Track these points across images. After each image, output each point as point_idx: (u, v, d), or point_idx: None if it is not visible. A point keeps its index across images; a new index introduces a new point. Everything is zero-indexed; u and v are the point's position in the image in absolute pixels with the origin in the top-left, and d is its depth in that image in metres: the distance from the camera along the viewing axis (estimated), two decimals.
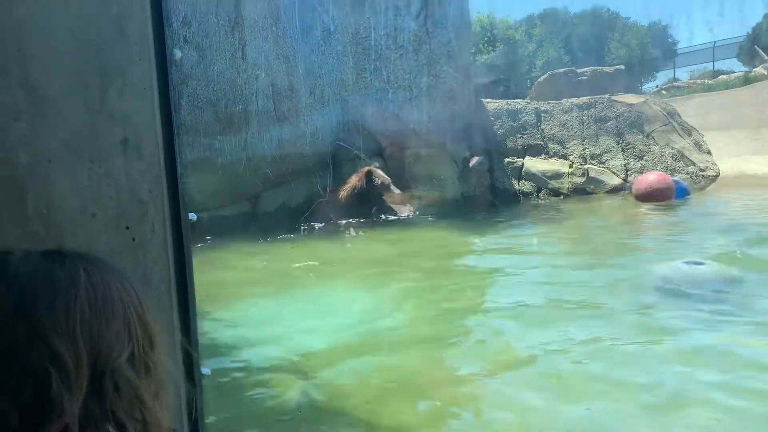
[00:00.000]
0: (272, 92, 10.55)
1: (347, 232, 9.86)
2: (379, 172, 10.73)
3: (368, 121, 11.46)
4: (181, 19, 9.50)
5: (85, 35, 1.35)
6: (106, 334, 0.95)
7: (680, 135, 14.81)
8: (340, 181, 10.79)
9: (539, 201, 13.38)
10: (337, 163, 11.10)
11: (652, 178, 12.38)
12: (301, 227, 10.00)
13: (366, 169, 10.58)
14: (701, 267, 5.98)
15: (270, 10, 10.49)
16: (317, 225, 10.10)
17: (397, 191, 10.67)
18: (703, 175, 14.00)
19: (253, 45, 10.25)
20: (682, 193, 12.29)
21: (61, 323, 0.92)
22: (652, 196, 11.90)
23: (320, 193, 10.50)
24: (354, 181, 10.51)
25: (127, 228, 1.40)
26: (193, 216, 1.52)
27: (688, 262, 6.08)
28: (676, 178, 12.72)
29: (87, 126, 1.36)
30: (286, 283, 6.69)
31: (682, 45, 37.39)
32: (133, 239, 1.41)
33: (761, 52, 28.69)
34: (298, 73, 10.80)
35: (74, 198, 1.36)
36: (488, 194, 12.87)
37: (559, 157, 14.29)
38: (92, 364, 0.93)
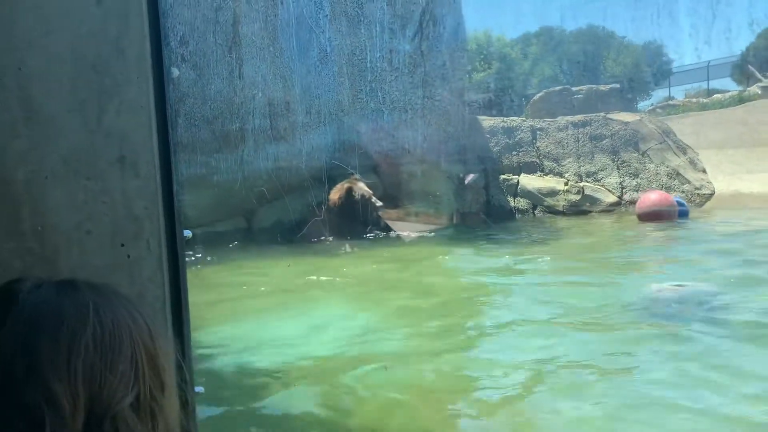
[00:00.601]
0: (269, 111, 10.59)
1: (342, 248, 9.85)
2: (360, 185, 10.59)
3: (364, 141, 11.50)
4: (179, 38, 9.56)
5: (83, 54, 1.36)
6: (108, 377, 0.90)
7: (675, 153, 14.90)
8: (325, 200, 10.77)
9: (535, 218, 13.41)
10: (332, 181, 11.09)
11: (654, 197, 12.33)
12: (296, 241, 9.99)
13: (346, 185, 10.44)
14: (687, 289, 6.18)
15: (267, 30, 10.57)
16: (313, 241, 10.08)
17: (378, 203, 10.58)
18: (698, 194, 14.07)
19: (250, 64, 10.31)
20: (683, 213, 12.28)
21: (62, 363, 0.88)
22: (655, 216, 11.88)
23: (315, 211, 10.48)
24: (334, 197, 10.40)
25: (123, 245, 1.40)
26: (188, 233, 1.53)
27: (675, 284, 6.29)
28: (678, 199, 12.72)
29: (84, 143, 1.37)
30: (278, 299, 6.67)
31: (677, 64, 37.71)
32: (128, 256, 1.41)
33: (755, 71, 28.95)
34: (294, 92, 10.85)
35: (70, 214, 1.37)
36: (483, 211, 12.90)
37: (555, 175, 14.34)
38: (90, 407, 0.88)
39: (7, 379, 0.87)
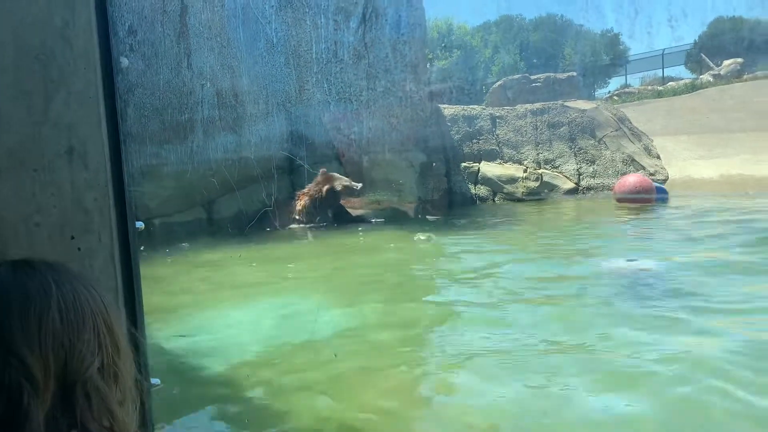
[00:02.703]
0: (217, 102, 10.51)
1: (301, 237, 9.85)
2: (336, 174, 10.74)
3: (313, 132, 11.52)
4: (127, 28, 9.36)
5: (28, 44, 1.34)
6: (76, 346, 0.97)
7: (630, 140, 15.20)
8: (285, 189, 10.80)
9: (494, 205, 13.58)
10: (284, 172, 11.09)
11: (633, 180, 12.49)
12: (248, 232, 9.94)
13: (329, 176, 10.53)
14: (638, 263, 6.71)
15: (214, 21, 10.47)
16: (273, 230, 10.04)
17: (358, 185, 10.68)
18: (652, 179, 14.39)
19: (198, 54, 10.19)
20: (661, 199, 12.52)
21: (34, 338, 0.93)
22: (634, 199, 12.07)
23: (266, 202, 10.47)
24: (314, 189, 10.45)
25: (73, 238, 1.39)
26: (140, 224, 1.52)
27: (629, 260, 6.87)
28: (657, 184, 12.98)
29: (31, 135, 1.35)
30: (234, 291, 6.61)
31: (634, 52, 38.41)
32: (79, 249, 1.39)
33: (707, 60, 29.68)
34: (242, 83, 10.78)
35: (18, 207, 1.35)
36: (445, 199, 13.00)
37: (514, 162, 14.52)
38: (60, 375, 0.94)
39: None
